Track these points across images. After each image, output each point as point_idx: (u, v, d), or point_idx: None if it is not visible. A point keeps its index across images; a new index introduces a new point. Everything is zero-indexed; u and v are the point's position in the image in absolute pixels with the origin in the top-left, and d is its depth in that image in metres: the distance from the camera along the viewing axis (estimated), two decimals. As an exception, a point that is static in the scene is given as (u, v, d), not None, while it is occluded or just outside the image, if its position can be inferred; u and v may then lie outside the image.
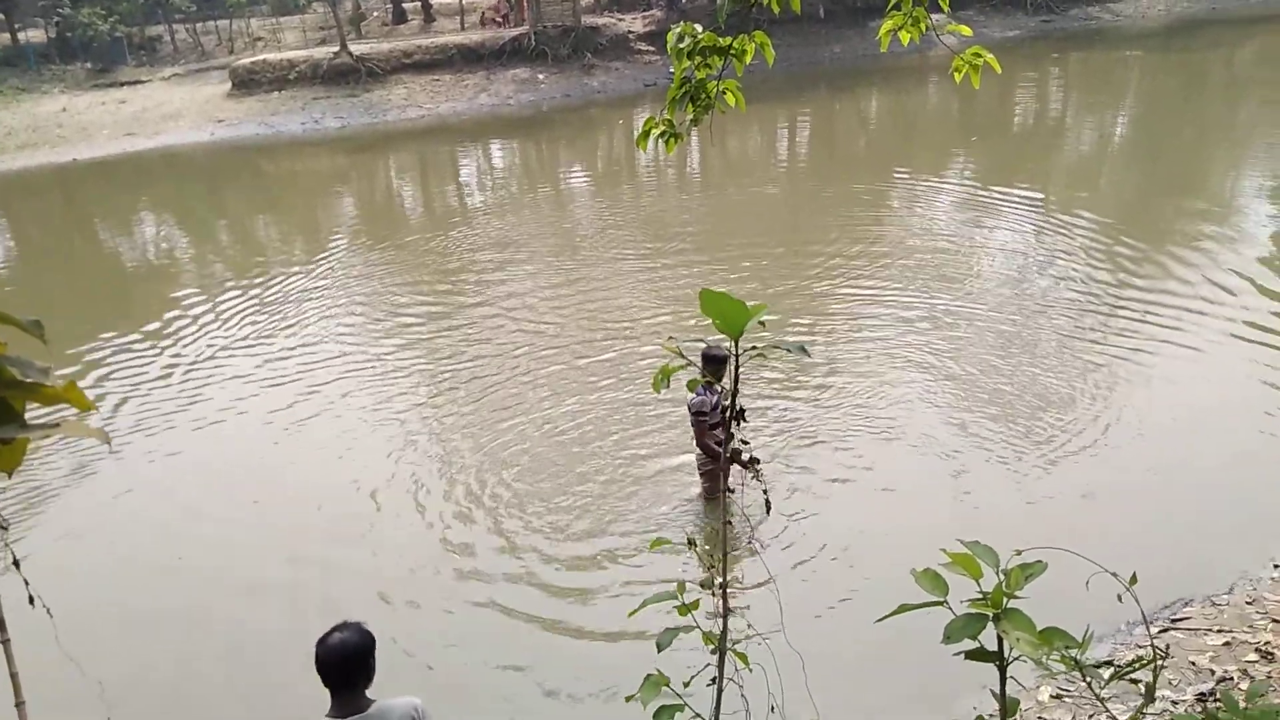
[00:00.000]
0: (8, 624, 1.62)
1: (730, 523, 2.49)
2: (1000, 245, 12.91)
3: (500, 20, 35.73)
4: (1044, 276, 11.41)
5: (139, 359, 10.92)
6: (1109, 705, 4.60)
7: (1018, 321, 10.04)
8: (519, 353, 10.14)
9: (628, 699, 2.43)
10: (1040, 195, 15.55)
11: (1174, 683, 4.84)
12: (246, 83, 33.07)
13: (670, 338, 2.35)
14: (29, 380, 1.59)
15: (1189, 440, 7.40)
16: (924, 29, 3.66)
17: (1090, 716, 4.63)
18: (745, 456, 6.78)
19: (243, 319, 12.05)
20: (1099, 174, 17.63)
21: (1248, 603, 5.52)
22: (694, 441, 6.79)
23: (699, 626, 2.46)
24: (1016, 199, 15.25)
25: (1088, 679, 1.74)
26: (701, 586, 2.56)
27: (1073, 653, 1.71)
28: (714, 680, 2.49)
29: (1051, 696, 4.83)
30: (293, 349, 10.84)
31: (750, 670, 2.56)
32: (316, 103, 31.84)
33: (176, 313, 12.52)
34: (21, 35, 38.70)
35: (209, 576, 6.66)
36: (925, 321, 10.13)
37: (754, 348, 2.30)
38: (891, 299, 10.96)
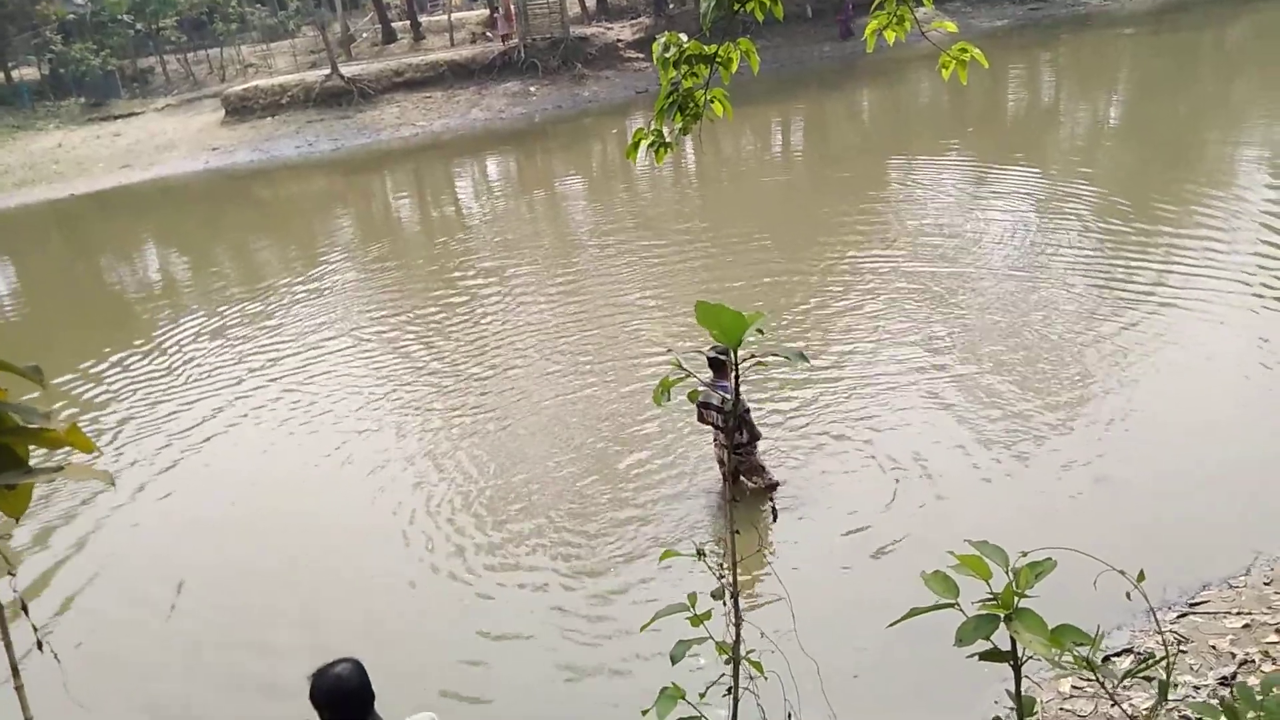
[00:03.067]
0: (20, 671, 1.63)
1: (738, 531, 2.48)
2: (1003, 230, 12.92)
3: (505, 35, 35.65)
4: (1049, 259, 11.44)
5: (140, 392, 10.93)
6: (1130, 693, 4.58)
7: (1024, 307, 10.06)
8: (522, 366, 10.14)
9: (644, 713, 2.42)
10: (1040, 178, 15.60)
11: (1194, 667, 4.81)
12: (239, 110, 33.17)
13: (669, 350, 2.35)
14: (32, 426, 1.60)
15: (1203, 420, 7.38)
16: (909, 27, 3.67)
17: (1113, 705, 4.60)
18: (753, 463, 6.81)
19: (245, 347, 12.06)
20: (1097, 154, 17.64)
21: (1265, 584, 5.50)
22: (713, 442, 6.90)
23: (712, 637, 2.45)
24: (1015, 183, 15.32)
25: (1100, 678, 1.73)
26: (713, 597, 2.55)
27: (1085, 651, 1.70)
28: (729, 690, 2.48)
29: (1073, 688, 4.81)
30: (295, 372, 10.85)
31: (765, 678, 2.55)
32: (310, 126, 31.92)
33: (178, 345, 12.53)
34: (15, 73, 38.89)
35: (219, 617, 6.65)
36: (931, 316, 10.13)
37: (752, 355, 2.30)
38: (896, 292, 11.00)
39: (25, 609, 2.05)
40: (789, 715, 2.96)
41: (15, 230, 25.02)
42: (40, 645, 2.00)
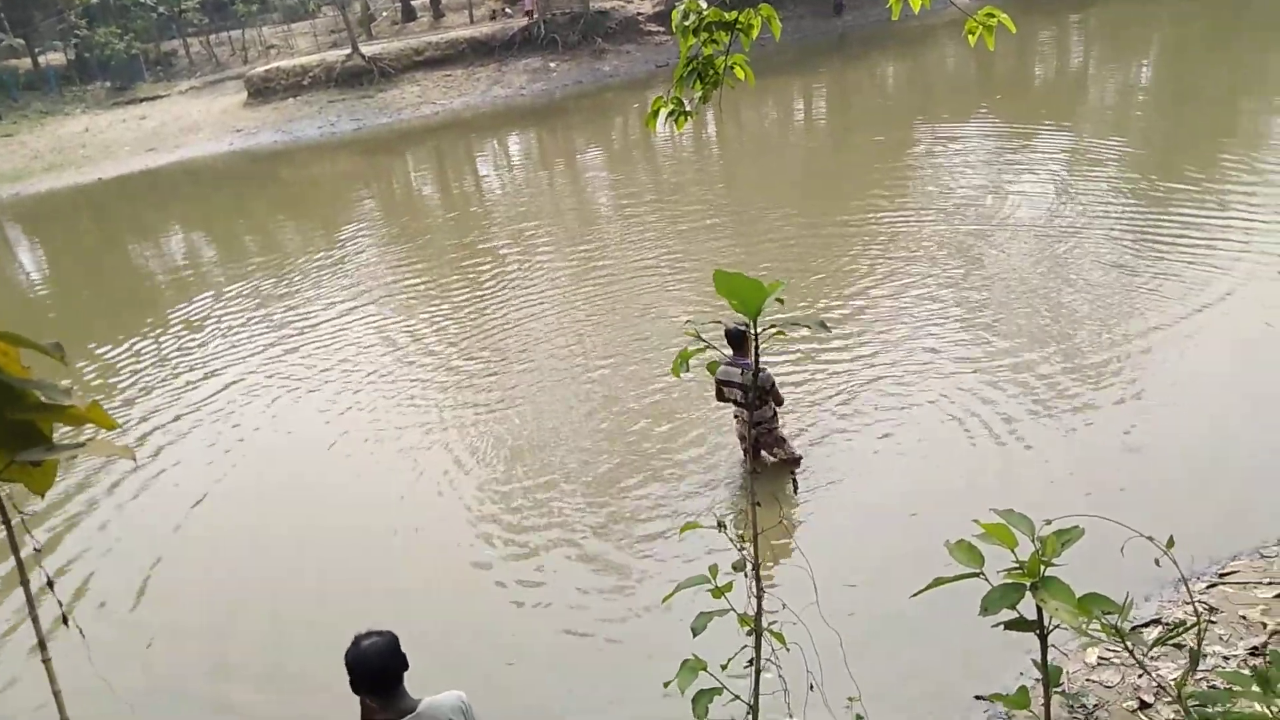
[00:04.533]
0: (47, 644, 1.66)
1: (760, 503, 2.47)
2: (1035, 195, 12.78)
3: (529, 12, 35.35)
4: (1078, 222, 11.32)
5: (165, 374, 11.06)
6: (1158, 663, 4.54)
7: (1058, 273, 9.94)
8: (542, 338, 10.15)
9: (665, 684, 2.43)
10: (1071, 142, 15.38)
11: (1224, 638, 4.75)
12: (262, 91, 33.33)
13: (688, 321, 2.33)
14: (55, 403, 1.62)
15: (1232, 384, 7.26)
16: (934, -8, 3.59)
17: (1140, 675, 4.56)
18: (775, 436, 6.79)
19: (269, 326, 12.16)
20: (1130, 119, 17.31)
21: (1297, 554, 5.41)
22: (734, 416, 6.89)
23: (734, 609, 2.45)
24: (1045, 148, 15.14)
25: (1129, 646, 1.70)
26: (734, 569, 2.54)
27: (1113, 619, 1.68)
28: (751, 662, 2.48)
29: (1099, 658, 4.77)
30: (318, 353, 10.92)
31: (788, 650, 2.55)
32: (331, 106, 32.01)
33: (203, 325, 12.66)
34: (41, 59, 39.28)
35: (241, 589, 6.74)
36: (960, 282, 10.05)
37: (772, 325, 2.27)
38: (923, 258, 10.94)
39: (51, 585, 2.09)
40: (811, 686, 2.96)
41: (44, 215, 25.36)
42: (66, 620, 2.03)
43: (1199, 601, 5.03)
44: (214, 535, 7.45)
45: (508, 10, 38.38)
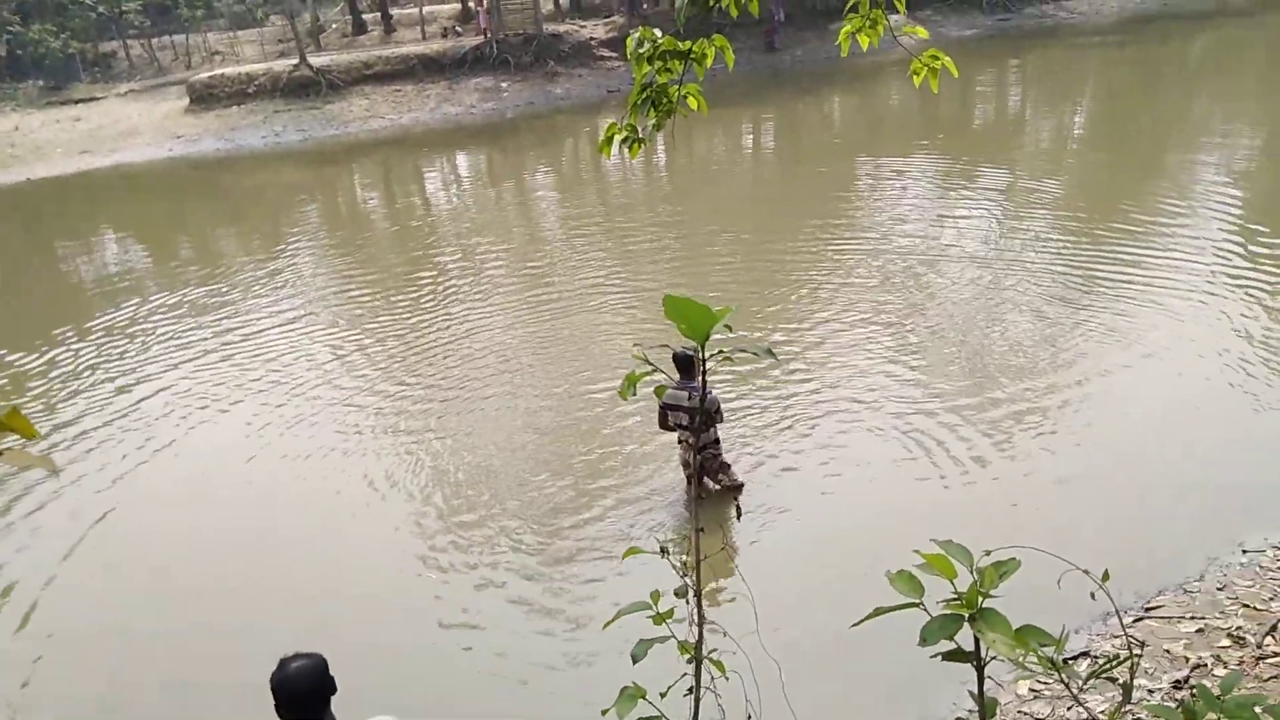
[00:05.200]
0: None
1: (703, 529, 2.46)
2: (973, 228, 13.19)
3: (485, 30, 35.25)
4: (1012, 263, 11.64)
5: (90, 381, 10.69)
6: (1088, 696, 4.63)
7: (986, 306, 10.24)
8: (485, 359, 10.06)
9: (603, 712, 2.39)
10: (1008, 181, 15.90)
11: (1149, 671, 4.87)
12: (205, 98, 32.62)
13: (636, 344, 2.32)
14: (-32, 410, 1.53)
15: (1164, 423, 7.51)
16: (881, 32, 3.68)
17: (1069, 709, 4.65)
18: (719, 463, 6.81)
19: (198, 337, 11.83)
20: (1063, 160, 17.95)
21: (1219, 589, 5.58)
22: (678, 442, 6.89)
23: (675, 636, 2.42)
24: (985, 185, 15.60)
25: (1064, 679, 1.72)
26: (676, 595, 2.52)
27: (1049, 651, 1.70)
28: (691, 690, 2.46)
29: (1030, 690, 4.85)
30: (247, 365, 10.65)
31: (727, 678, 2.53)
32: (277, 116, 31.47)
33: (129, 334, 12.27)
34: (-29, 54, 37.93)
35: (146, 604, 6.51)
36: (900, 311, 10.27)
37: (720, 351, 2.27)
38: (862, 286, 11.18)
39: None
40: (749, 716, 2.94)
41: (-32, 214, 24.39)
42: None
43: (1128, 642, 5.15)
44: (121, 547, 7.23)
45: (459, 29, 38.30)
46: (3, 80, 36.69)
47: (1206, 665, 4.86)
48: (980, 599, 1.85)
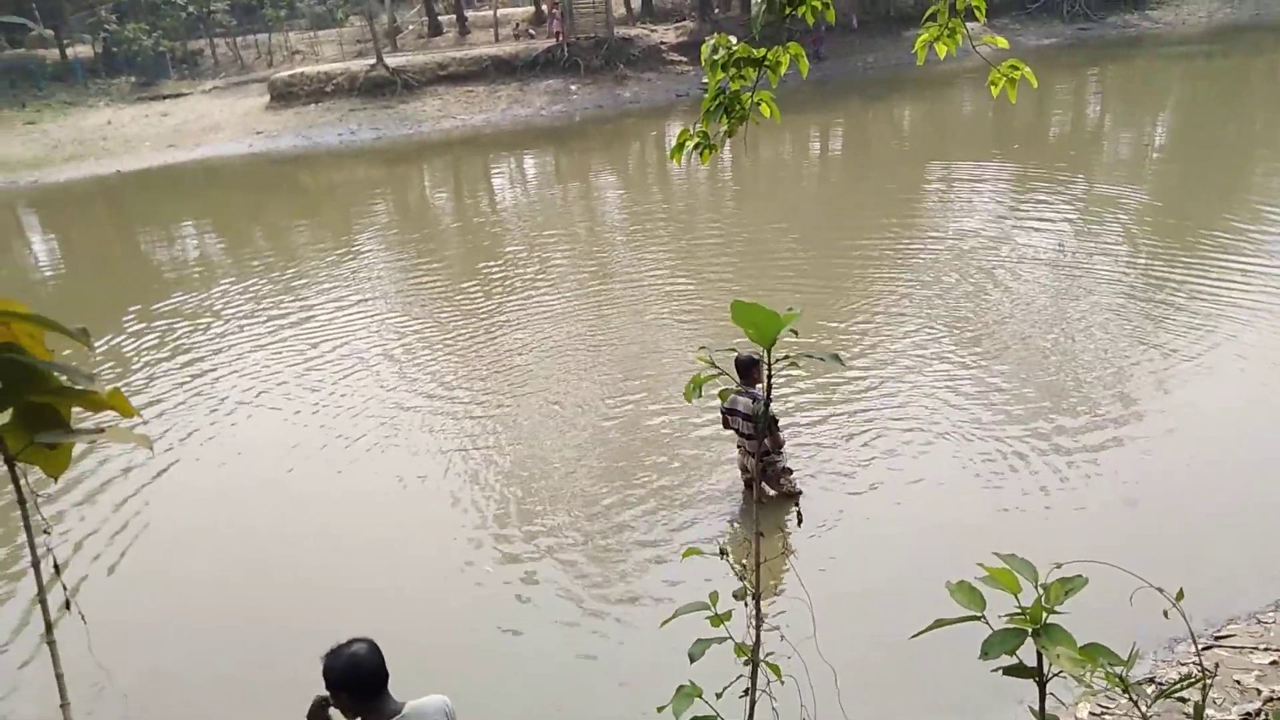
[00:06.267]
0: (54, 627, 1.66)
1: (763, 534, 2.47)
2: (1047, 242, 12.89)
3: (558, 33, 35.62)
4: (1087, 271, 11.40)
5: (179, 367, 11.10)
6: (1152, 723, 4.50)
7: (1059, 317, 10.04)
8: (549, 359, 10.17)
9: (659, 709, 2.42)
10: (1083, 193, 15.50)
11: (1218, 701, 4.72)
12: (285, 95, 33.61)
13: (702, 347, 2.35)
14: (76, 387, 1.63)
15: (1236, 445, 7.26)
16: (959, 41, 3.64)
17: (1132, 734, 4.53)
18: (779, 469, 6.79)
19: (281, 327, 12.20)
20: (1142, 175, 17.43)
21: (1295, 621, 5.38)
22: (738, 447, 6.89)
23: (732, 638, 2.44)
24: (1060, 199, 15.22)
25: (1133, 697, 1.70)
26: (735, 597, 2.54)
27: (1118, 670, 1.68)
28: (746, 692, 2.47)
29: (1090, 714, 4.74)
30: (327, 353, 10.95)
31: (782, 682, 2.54)
32: (353, 114, 32.27)
33: (218, 321, 12.72)
34: (70, 51, 39.71)
35: (242, 585, 6.73)
36: (971, 324, 10.11)
37: (786, 356, 2.29)
38: (933, 294, 11.05)
39: (57, 569, 2.09)
40: (804, 721, 2.95)
41: (63, 204, 25.54)
42: (69, 605, 2.04)
43: (1193, 663, 5.00)
44: (215, 531, 7.45)
45: (531, 31, 38.79)
46: (98, 76, 38.32)
47: (1279, 699, 4.69)
48: (1045, 614, 1.84)
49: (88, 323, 1.37)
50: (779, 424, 6.69)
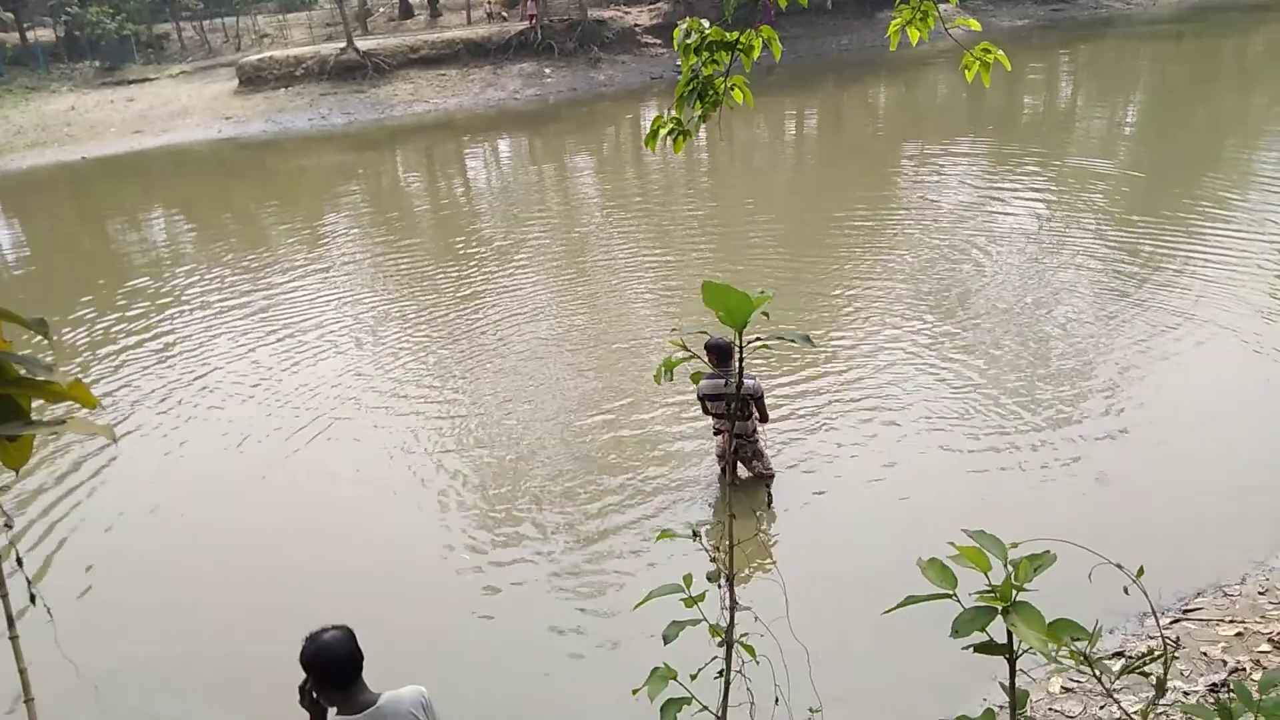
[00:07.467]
0: (16, 622, 1.63)
1: (735, 516, 2.48)
2: (1020, 222, 13.02)
3: (532, 16, 35.26)
4: (1059, 252, 11.51)
5: (146, 354, 10.96)
6: (1120, 696, 4.58)
7: (1031, 297, 10.13)
8: (521, 342, 10.13)
9: (634, 691, 2.43)
10: (1056, 175, 15.61)
11: (1185, 673, 4.81)
12: (253, 80, 33.14)
13: (674, 330, 2.34)
14: (35, 378, 1.60)
15: (1209, 426, 7.36)
16: (931, 24, 3.63)
17: (1101, 707, 4.61)
18: (755, 449, 6.83)
19: (246, 311, 12.07)
20: (1115, 154, 17.60)
21: (1260, 593, 5.48)
22: (714, 433, 6.91)
23: (705, 619, 2.45)
24: (1033, 179, 15.35)
25: (1097, 673, 1.72)
26: (708, 579, 2.55)
27: (1081, 646, 1.70)
28: (721, 673, 2.48)
29: (1062, 688, 4.81)
30: (297, 346, 10.84)
31: (757, 663, 2.55)
32: (323, 99, 31.89)
33: (181, 309, 12.56)
34: (30, 34, 38.89)
35: (216, 574, 6.68)
36: (942, 301, 10.19)
37: (758, 339, 2.29)
38: (905, 274, 11.14)
39: (20, 561, 2.06)
40: (777, 700, 2.97)
41: (26, 191, 25.08)
42: (33, 599, 2.00)
43: (1163, 638, 5.09)
44: (183, 519, 7.38)
45: (504, 14, 38.45)
46: (60, 61, 37.57)
47: (1245, 669, 4.78)
48: (1014, 592, 1.86)
49: (50, 311, 1.35)
50: (763, 396, 6.71)
